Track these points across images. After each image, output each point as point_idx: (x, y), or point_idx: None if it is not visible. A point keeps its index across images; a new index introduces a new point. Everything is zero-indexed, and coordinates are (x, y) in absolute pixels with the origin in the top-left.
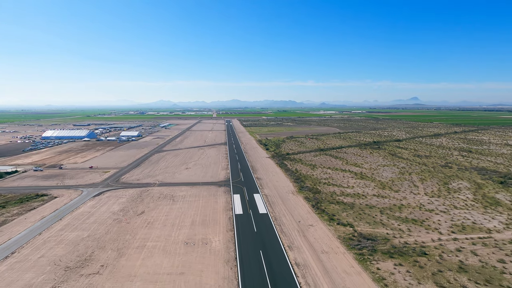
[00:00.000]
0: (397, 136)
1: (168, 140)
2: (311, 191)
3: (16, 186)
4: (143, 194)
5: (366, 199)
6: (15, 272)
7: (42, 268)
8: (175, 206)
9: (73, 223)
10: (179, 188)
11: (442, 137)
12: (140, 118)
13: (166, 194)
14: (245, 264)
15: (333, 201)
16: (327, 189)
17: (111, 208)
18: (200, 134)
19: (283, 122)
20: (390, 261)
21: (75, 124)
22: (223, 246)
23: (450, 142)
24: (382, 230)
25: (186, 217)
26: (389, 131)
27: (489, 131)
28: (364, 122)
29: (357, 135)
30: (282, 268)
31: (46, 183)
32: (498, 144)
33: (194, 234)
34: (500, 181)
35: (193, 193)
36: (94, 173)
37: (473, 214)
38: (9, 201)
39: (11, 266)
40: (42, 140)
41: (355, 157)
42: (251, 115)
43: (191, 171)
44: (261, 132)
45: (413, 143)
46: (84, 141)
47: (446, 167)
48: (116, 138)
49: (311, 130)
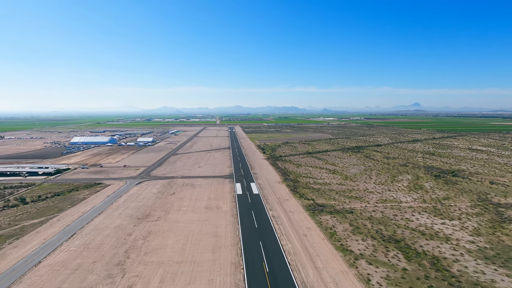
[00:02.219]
0: (380, 142)
1: (180, 145)
2: (292, 181)
3: (76, 178)
4: (171, 183)
5: (329, 186)
6: (109, 219)
7: (123, 218)
8: (195, 190)
9: (129, 198)
10: (196, 180)
11: (419, 143)
12: (148, 124)
13: (187, 183)
14: (243, 216)
15: (306, 187)
16: (304, 180)
17: (152, 190)
18: (206, 140)
19: (282, 128)
20: (329, 216)
21: (92, 131)
22: (229, 209)
23: (422, 147)
24: (332, 202)
25: (204, 195)
26: (375, 137)
27: (466, 137)
28: (357, 128)
29: (345, 141)
30: (264, 218)
31: (96, 176)
32: (462, 148)
33: (210, 203)
34: (436, 175)
35: (206, 182)
36: (129, 170)
37: (398, 194)
38: (78, 187)
39: (105, 217)
40: (72, 145)
41: (335, 158)
42: (253, 122)
43: (203, 168)
44: (261, 138)
45: (390, 147)
46: (107, 146)
47: (403, 166)
48: (135, 143)
49: (306, 136)
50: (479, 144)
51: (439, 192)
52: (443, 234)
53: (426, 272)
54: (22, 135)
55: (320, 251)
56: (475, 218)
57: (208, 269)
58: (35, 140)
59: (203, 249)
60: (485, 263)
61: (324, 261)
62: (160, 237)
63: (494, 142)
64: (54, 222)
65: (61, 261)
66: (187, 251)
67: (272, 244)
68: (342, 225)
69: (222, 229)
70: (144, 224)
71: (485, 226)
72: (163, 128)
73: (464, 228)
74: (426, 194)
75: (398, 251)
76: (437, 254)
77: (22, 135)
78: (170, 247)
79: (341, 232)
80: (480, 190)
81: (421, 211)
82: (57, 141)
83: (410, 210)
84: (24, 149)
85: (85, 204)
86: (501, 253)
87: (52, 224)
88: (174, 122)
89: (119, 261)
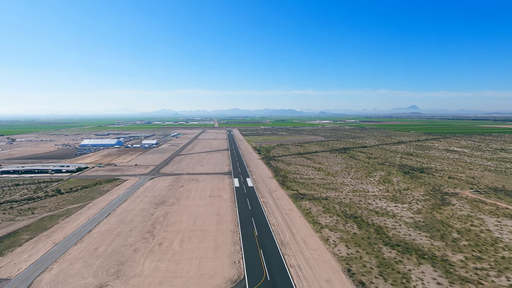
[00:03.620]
0: (367, 144)
1: (182, 147)
2: (282, 177)
3: (96, 175)
4: (178, 178)
5: (313, 180)
6: (134, 204)
7: (145, 203)
8: (200, 183)
9: (146, 190)
10: (200, 176)
11: (402, 144)
12: (148, 127)
13: (192, 178)
14: (239, 202)
15: (293, 181)
16: (292, 176)
17: (163, 184)
18: (206, 142)
19: (278, 131)
20: (307, 201)
21: (97, 134)
22: (229, 197)
23: (404, 148)
24: (312, 192)
25: (207, 188)
26: (364, 139)
27: (448, 139)
28: (350, 131)
29: (335, 143)
30: (256, 203)
31: (113, 174)
32: (439, 149)
33: (213, 193)
34: (405, 172)
35: (209, 178)
36: (140, 168)
37: (367, 186)
38: (101, 181)
39: (130, 203)
40: (82, 147)
41: (322, 158)
42: (250, 125)
43: (205, 167)
44: (257, 140)
45: (375, 149)
46: (115, 148)
47: (381, 164)
48: (141, 146)
49: (300, 138)
50: (457, 145)
51: (402, 185)
52: (392, 213)
53: (369, 235)
54: (31, 137)
55: (296, 223)
56: (421, 203)
57: (214, 234)
58: (45, 142)
59: (209, 223)
60: (414, 230)
61: (298, 229)
62: (176, 215)
63: (472, 144)
64: (90, 206)
65: (106, 230)
66: (198, 224)
67: (261, 219)
68: (316, 207)
69: (223, 210)
70: (162, 207)
71: (427, 208)
72: (164, 131)
73: (410, 209)
74: (391, 186)
75: (354, 223)
76: (382, 225)
77: (31, 138)
78: (185, 221)
79: (315, 212)
80: (437, 183)
81: (382, 198)
82: (67, 144)
83: (373, 197)
84: (39, 150)
85: (111, 194)
86: (428, 224)
87: (89, 207)
88: (174, 125)
89: (148, 230)
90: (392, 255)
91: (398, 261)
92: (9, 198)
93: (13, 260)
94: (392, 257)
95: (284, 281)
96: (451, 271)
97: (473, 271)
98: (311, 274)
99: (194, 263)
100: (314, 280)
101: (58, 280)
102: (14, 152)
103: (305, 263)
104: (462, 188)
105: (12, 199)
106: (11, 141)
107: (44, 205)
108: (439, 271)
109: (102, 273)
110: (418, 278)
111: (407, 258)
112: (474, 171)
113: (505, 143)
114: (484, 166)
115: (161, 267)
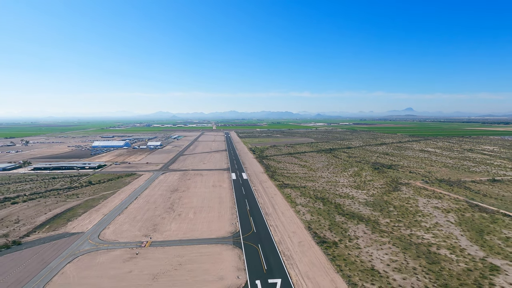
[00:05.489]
0: (352, 145)
1: (184, 148)
2: (272, 172)
3: (115, 171)
4: (185, 173)
5: (297, 174)
6: (153, 191)
7: (162, 190)
8: (204, 177)
9: (161, 181)
10: (203, 171)
11: (384, 145)
12: (149, 130)
13: (197, 173)
14: (236, 189)
15: (280, 175)
16: (280, 171)
17: (174, 177)
18: (206, 143)
19: (273, 134)
20: (290, 189)
21: (102, 136)
22: (227, 186)
23: (384, 149)
24: (294, 182)
25: (210, 180)
26: (351, 141)
27: (428, 141)
28: (340, 133)
29: (324, 144)
30: (249, 190)
31: (130, 170)
32: (415, 150)
33: (215, 184)
34: (375, 168)
35: (211, 173)
36: (151, 165)
37: (340, 179)
38: (121, 175)
39: (150, 190)
40: (94, 148)
41: (309, 157)
42: (247, 127)
43: (206, 164)
44: (253, 142)
45: (358, 149)
46: (124, 148)
47: (357, 162)
48: (146, 147)
49: (293, 140)
50: (433, 146)
51: (368, 177)
52: (352, 196)
53: (329, 209)
54: (41, 140)
55: (278, 202)
56: (377, 190)
57: (218, 208)
58: (58, 144)
59: (213, 203)
60: (363, 206)
61: (279, 206)
62: (187, 198)
63: (447, 145)
64: (120, 192)
65: (138, 207)
66: (205, 203)
67: (252, 200)
68: (295, 193)
69: (224, 194)
70: (176, 193)
71: (379, 193)
72: (165, 133)
73: (366, 194)
74: (359, 178)
75: (321, 202)
76: (341, 203)
77: (42, 140)
78: (195, 202)
79: (294, 196)
80: (397, 176)
81: (348, 187)
82: (78, 145)
83: (342, 186)
84: (55, 151)
85: (133, 184)
86: (376, 203)
87: (119, 193)
88: (173, 127)
89: (168, 207)
90: (341, 220)
91: (343, 222)
92: (53, 187)
93: (79, 223)
94: (340, 221)
95: (265, 232)
96: (376, 227)
97: (390, 227)
98: (283, 229)
99: (205, 224)
100: (284, 232)
101: (116, 233)
102: (34, 152)
103: (280, 224)
104: (415, 180)
105: (55, 188)
106: (25, 143)
107: (84, 192)
108: (369, 227)
109: (144, 229)
110: (353, 230)
111: (350, 221)
112: (433, 167)
113: (478, 144)
114: (444, 164)
115: (183, 226)
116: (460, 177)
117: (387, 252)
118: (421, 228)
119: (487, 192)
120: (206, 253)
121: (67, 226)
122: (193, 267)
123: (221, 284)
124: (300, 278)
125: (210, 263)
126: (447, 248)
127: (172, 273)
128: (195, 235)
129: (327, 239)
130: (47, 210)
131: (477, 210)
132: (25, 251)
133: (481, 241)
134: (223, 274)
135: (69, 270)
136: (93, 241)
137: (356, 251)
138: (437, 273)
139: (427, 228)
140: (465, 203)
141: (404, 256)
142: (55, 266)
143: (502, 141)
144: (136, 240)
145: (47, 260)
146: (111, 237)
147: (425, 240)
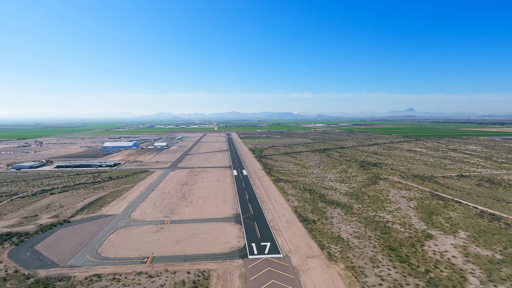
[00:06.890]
0: (346, 145)
1: (188, 148)
2: (269, 169)
3: (130, 168)
4: (192, 170)
5: (291, 171)
6: (167, 184)
7: (174, 184)
8: (209, 173)
9: (172, 177)
10: (208, 168)
11: (376, 146)
12: (152, 131)
13: (203, 170)
14: (237, 183)
15: (276, 172)
16: (277, 168)
17: (183, 174)
18: (208, 144)
19: (272, 134)
20: (283, 183)
21: (109, 137)
22: (230, 181)
23: (375, 149)
24: (287, 178)
25: (214, 176)
26: (346, 141)
27: (418, 141)
28: (337, 134)
29: (320, 145)
30: (249, 184)
31: (142, 167)
32: (403, 150)
33: (219, 179)
34: (362, 166)
35: (215, 170)
36: (161, 164)
37: (328, 175)
38: (136, 172)
39: (164, 184)
40: (104, 149)
41: (303, 157)
42: (248, 128)
43: (210, 163)
44: (253, 142)
45: (350, 149)
46: (133, 149)
47: (347, 161)
48: (154, 147)
49: (291, 141)
50: (421, 146)
51: (353, 174)
52: (335, 188)
53: (315, 198)
54: (52, 140)
55: (272, 193)
56: (358, 183)
57: (222, 197)
58: (70, 145)
59: (218, 193)
60: (343, 196)
61: (273, 196)
62: (196, 190)
63: (435, 145)
64: (138, 186)
65: (155, 196)
66: (211, 194)
67: (251, 192)
68: (288, 186)
69: (227, 187)
70: (186, 186)
71: (359, 186)
72: (169, 134)
73: (348, 186)
74: (345, 174)
75: (308, 193)
76: (325, 193)
77: (53, 141)
78: (203, 193)
79: (286, 188)
80: (378, 172)
81: (334, 181)
82: (89, 146)
83: (328, 180)
84: (70, 151)
85: (148, 180)
86: (354, 193)
87: (138, 187)
88: (176, 128)
89: (181, 196)
90: (322, 206)
91: (323, 207)
92: (79, 182)
93: (111, 208)
94: (321, 206)
95: (260, 214)
96: (349, 210)
97: (361, 210)
98: (274, 212)
99: (212, 208)
100: (276, 213)
101: (142, 215)
102: (51, 152)
103: (272, 208)
104: (394, 175)
105: (82, 182)
106: (39, 144)
107: (107, 186)
108: (343, 210)
109: (164, 212)
110: (330, 213)
111: (329, 206)
112: (413, 165)
113: (464, 144)
114: (425, 162)
115: (195, 210)
116: (434, 173)
117: (352, 227)
118: (385, 211)
119: (451, 185)
120: (215, 227)
121: (101, 210)
122: (205, 236)
123: (227, 245)
124: (284, 242)
125: (218, 233)
126: (399, 224)
127: (190, 240)
128: (205, 216)
129: (309, 218)
130: (82, 199)
131: (436, 199)
132: (75, 226)
133: (428, 219)
134: (228, 240)
135: (113, 238)
136: (125, 220)
137: (329, 226)
138: (385, 239)
139: (390, 211)
140: (428, 194)
141: (365, 229)
142: (102, 235)
143: (489, 141)
144: (159, 219)
145: (95, 231)
146: (139, 217)
147: (385, 219)
